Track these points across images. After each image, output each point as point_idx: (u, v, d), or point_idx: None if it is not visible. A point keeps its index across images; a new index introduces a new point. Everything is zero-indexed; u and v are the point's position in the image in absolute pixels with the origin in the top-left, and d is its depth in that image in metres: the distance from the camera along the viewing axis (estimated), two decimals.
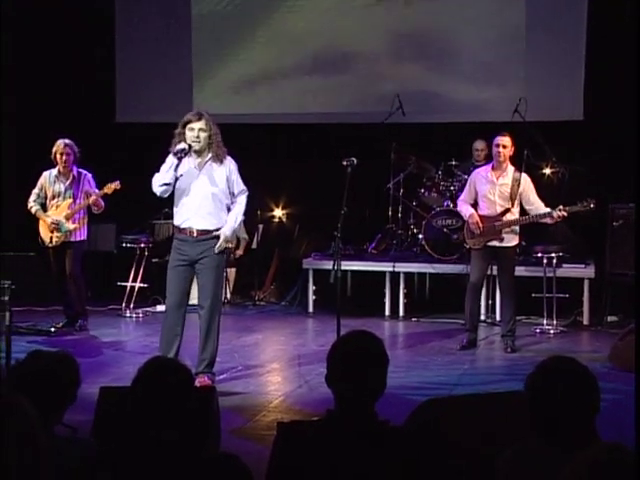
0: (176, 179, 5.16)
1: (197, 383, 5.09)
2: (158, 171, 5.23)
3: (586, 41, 8.34)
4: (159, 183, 5.16)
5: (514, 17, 8.62)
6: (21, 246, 7.35)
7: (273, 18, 9.23)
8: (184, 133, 5.13)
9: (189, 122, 5.13)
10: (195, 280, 5.36)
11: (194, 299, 5.52)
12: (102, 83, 9.41)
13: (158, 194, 5.24)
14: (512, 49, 8.65)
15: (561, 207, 6.30)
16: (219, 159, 5.21)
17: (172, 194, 5.30)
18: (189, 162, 5.19)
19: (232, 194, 5.29)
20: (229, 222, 5.28)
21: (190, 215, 5.19)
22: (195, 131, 5.11)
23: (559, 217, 6.31)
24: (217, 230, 5.22)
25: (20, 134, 9.12)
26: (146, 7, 9.46)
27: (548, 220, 6.43)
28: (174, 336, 5.26)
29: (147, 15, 9.43)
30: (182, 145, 5.09)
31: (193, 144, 5.11)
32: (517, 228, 6.49)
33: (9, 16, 9.30)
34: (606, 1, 8.16)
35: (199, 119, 5.14)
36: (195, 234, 5.19)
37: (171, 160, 5.12)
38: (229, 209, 5.31)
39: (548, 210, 6.37)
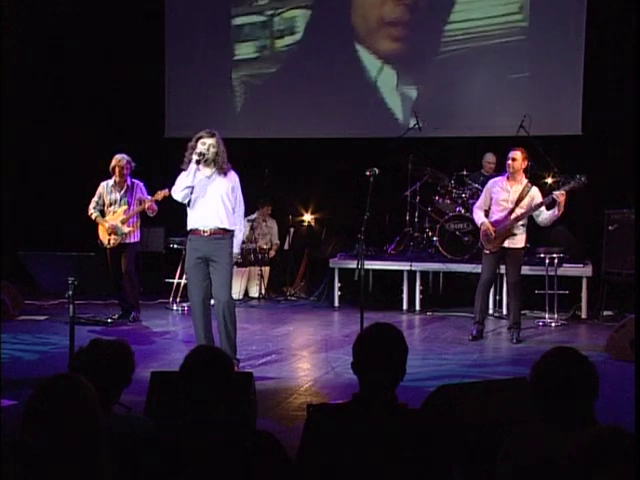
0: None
1: None
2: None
3: (584, 63, 8.27)
4: (181, 187, 5.21)
5: (518, 43, 8.57)
6: (83, 247, 7.45)
7: (302, 47, 9.27)
8: (196, 146, 5.20)
9: (202, 137, 5.21)
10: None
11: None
12: (153, 103, 9.49)
13: (180, 198, 5.26)
14: (517, 71, 8.60)
15: (556, 192, 6.22)
16: (223, 172, 5.26)
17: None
18: (199, 173, 5.22)
19: (235, 201, 5.31)
20: (237, 239, 5.35)
21: (204, 216, 5.22)
22: (206, 145, 5.18)
23: (560, 195, 6.16)
24: (227, 229, 5.25)
25: (80, 148, 9.23)
26: (195, 28, 9.49)
27: (555, 211, 6.24)
28: (207, 329, 5.26)
29: (196, 36, 9.48)
30: (201, 149, 5.15)
31: (202, 154, 5.15)
32: (524, 233, 6.42)
33: (65, 41, 9.43)
34: (603, 25, 8.08)
35: (211, 136, 5.22)
36: (208, 232, 5.21)
37: (192, 167, 5.17)
38: (233, 212, 5.33)
39: (547, 199, 6.28)
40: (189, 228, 5.33)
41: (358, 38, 9.08)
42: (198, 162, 5.15)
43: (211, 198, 5.22)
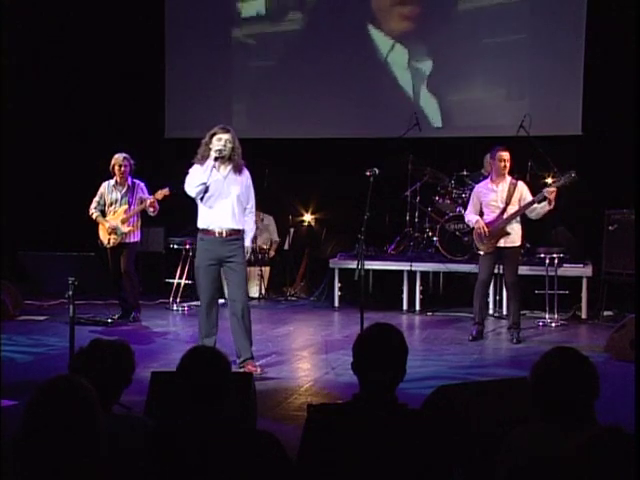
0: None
1: (247, 369, 5.10)
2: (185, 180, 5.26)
3: (584, 63, 8.27)
4: (196, 183, 5.14)
5: (518, 43, 8.58)
6: (83, 247, 7.44)
7: (303, 49, 9.28)
8: (210, 142, 5.15)
9: (216, 133, 5.17)
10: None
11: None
12: (153, 103, 9.49)
13: (194, 194, 5.19)
14: (517, 72, 8.60)
15: (547, 188, 6.23)
16: (238, 170, 5.23)
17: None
18: (215, 171, 5.18)
19: (248, 199, 5.31)
20: (249, 234, 5.33)
21: (219, 217, 5.18)
22: (222, 141, 5.13)
23: (551, 192, 6.18)
24: (240, 230, 5.24)
25: (80, 148, 9.24)
26: (195, 28, 9.47)
27: (546, 206, 6.24)
28: (212, 330, 5.26)
29: (196, 36, 9.46)
30: (219, 146, 5.10)
31: (222, 151, 5.11)
32: (520, 231, 6.44)
33: (65, 40, 9.43)
34: (603, 25, 8.08)
35: (227, 132, 5.19)
36: (224, 234, 5.18)
37: (209, 163, 5.11)
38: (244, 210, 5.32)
39: (538, 196, 6.28)
40: (202, 227, 5.26)
41: (359, 41, 9.08)
42: (217, 159, 5.10)
43: (227, 198, 5.18)
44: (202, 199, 5.21)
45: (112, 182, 7.12)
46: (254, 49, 9.45)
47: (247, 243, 5.36)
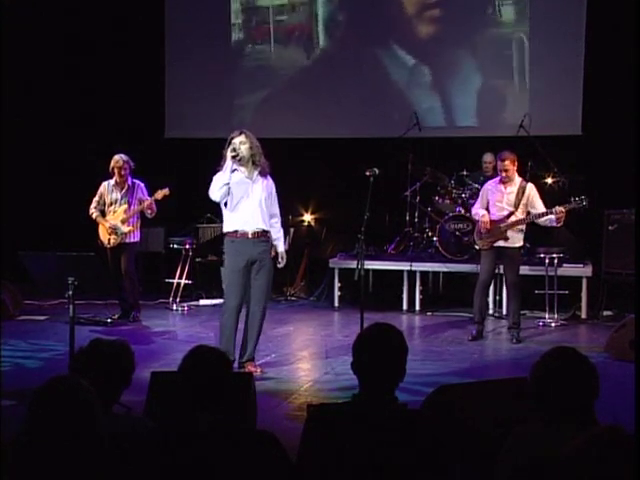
0: (230, 190, 5.16)
1: (247, 369, 5.10)
2: (209, 181, 5.25)
3: (584, 63, 8.27)
4: (219, 185, 5.14)
5: (519, 42, 8.58)
6: (83, 247, 7.44)
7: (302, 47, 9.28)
8: (228, 148, 5.18)
9: (233, 138, 5.20)
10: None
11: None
12: (153, 103, 9.48)
13: (218, 198, 5.18)
14: (517, 71, 8.60)
15: (557, 207, 6.24)
16: (264, 173, 5.28)
17: (218, 204, 5.33)
18: (241, 175, 5.21)
19: (273, 204, 5.34)
20: (280, 240, 5.41)
21: (248, 219, 5.19)
22: (237, 144, 5.16)
23: (560, 212, 6.19)
24: (268, 232, 5.27)
25: (81, 148, 9.24)
26: (195, 28, 9.46)
27: (554, 221, 6.28)
28: (234, 334, 5.23)
29: (196, 36, 9.44)
30: (233, 147, 5.14)
31: (235, 149, 5.13)
32: (522, 231, 6.44)
33: (65, 40, 9.44)
34: (603, 26, 8.08)
35: (239, 134, 5.23)
36: (256, 235, 5.20)
37: (228, 164, 5.13)
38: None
39: (547, 210, 6.30)
40: (232, 230, 5.24)
41: (359, 41, 9.07)
42: (234, 157, 5.11)
43: (254, 200, 5.20)
44: (227, 204, 5.20)
45: (112, 182, 7.12)
46: (254, 49, 9.44)
47: (281, 249, 5.40)
